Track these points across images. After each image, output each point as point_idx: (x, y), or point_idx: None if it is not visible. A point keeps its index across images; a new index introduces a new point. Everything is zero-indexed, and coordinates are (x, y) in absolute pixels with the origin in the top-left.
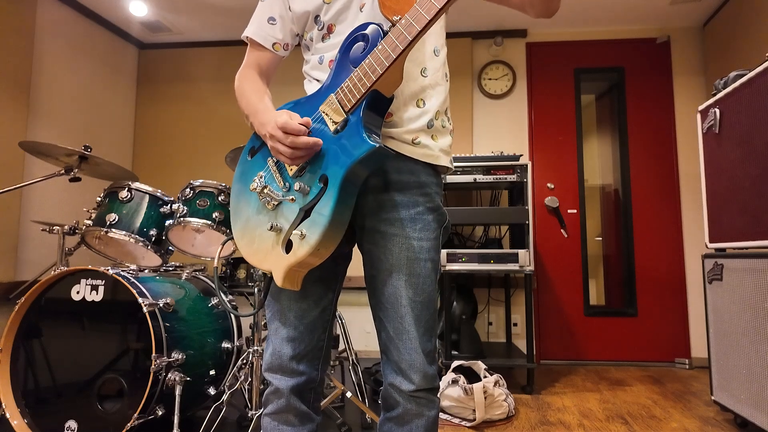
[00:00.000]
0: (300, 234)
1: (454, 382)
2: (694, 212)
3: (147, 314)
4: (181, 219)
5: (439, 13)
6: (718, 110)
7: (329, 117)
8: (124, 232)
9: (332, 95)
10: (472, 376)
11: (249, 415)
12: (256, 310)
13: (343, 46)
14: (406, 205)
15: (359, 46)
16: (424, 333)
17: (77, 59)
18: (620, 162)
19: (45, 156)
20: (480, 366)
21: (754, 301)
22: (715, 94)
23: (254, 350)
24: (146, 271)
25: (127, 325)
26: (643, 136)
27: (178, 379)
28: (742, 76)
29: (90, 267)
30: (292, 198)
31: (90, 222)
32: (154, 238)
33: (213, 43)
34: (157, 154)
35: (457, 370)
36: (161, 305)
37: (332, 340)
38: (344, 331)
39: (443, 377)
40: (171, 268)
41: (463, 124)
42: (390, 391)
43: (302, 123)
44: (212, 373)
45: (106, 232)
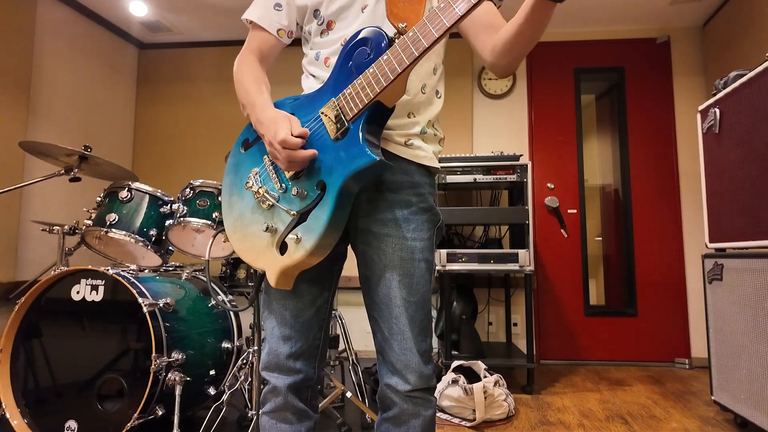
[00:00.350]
0: (296, 237)
1: (454, 382)
2: (694, 212)
3: (147, 314)
4: (181, 219)
5: (448, 31)
6: (718, 110)
7: (329, 122)
8: (124, 232)
9: (333, 100)
10: (472, 376)
11: (249, 415)
12: (249, 304)
13: (345, 48)
14: (399, 205)
15: (362, 51)
16: (419, 333)
17: (77, 59)
18: (620, 162)
19: (45, 156)
20: (480, 366)
21: (754, 301)
22: (715, 94)
23: (254, 350)
24: (146, 271)
25: (127, 325)
26: (643, 136)
27: (178, 379)
28: (742, 76)
29: (90, 267)
30: (289, 211)
31: (90, 222)
32: (154, 238)
33: (213, 43)
34: (157, 154)
35: (457, 370)
36: (161, 305)
37: (332, 340)
38: (344, 331)
39: (443, 377)
40: (171, 268)
41: (463, 124)
42: (386, 392)
43: (300, 135)
44: (212, 373)
45: (106, 232)
